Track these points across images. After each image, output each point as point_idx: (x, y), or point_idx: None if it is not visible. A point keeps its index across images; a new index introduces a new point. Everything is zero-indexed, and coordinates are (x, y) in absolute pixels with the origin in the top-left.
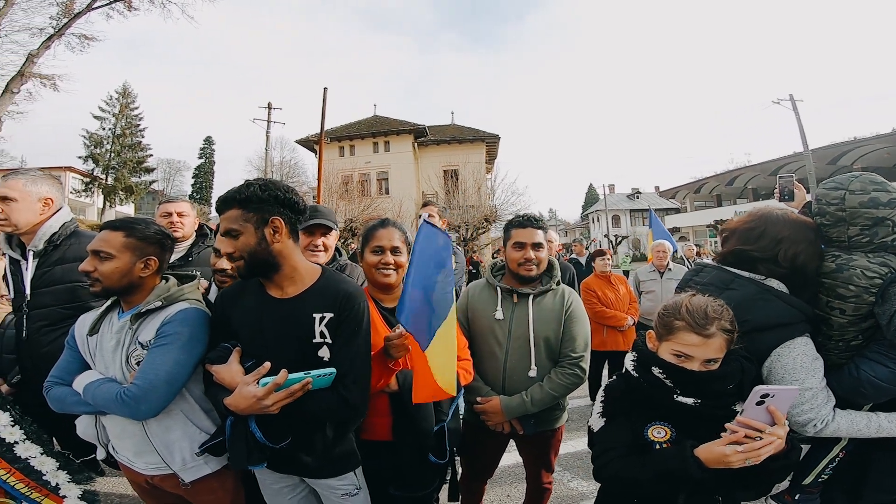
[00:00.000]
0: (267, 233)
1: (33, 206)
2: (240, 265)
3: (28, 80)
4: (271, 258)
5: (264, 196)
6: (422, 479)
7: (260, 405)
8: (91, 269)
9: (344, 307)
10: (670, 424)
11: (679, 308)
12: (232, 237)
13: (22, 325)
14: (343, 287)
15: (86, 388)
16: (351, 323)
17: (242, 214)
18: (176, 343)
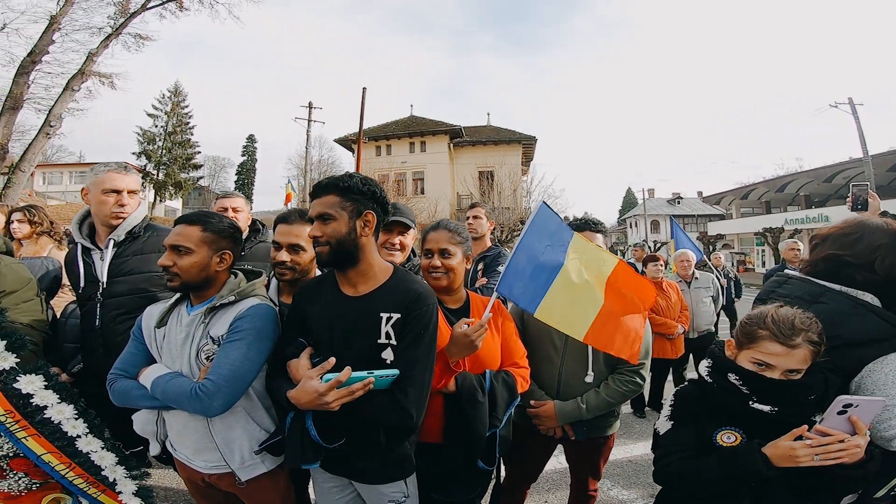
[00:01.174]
0: (358, 224)
1: (137, 199)
2: (323, 251)
3: (88, 78)
4: (355, 250)
5: (364, 189)
6: (467, 484)
7: (321, 401)
8: (170, 264)
9: (412, 308)
10: (741, 430)
11: (764, 318)
12: (323, 221)
13: (95, 313)
14: (413, 287)
15: (155, 382)
16: (417, 325)
17: (340, 202)
18: (248, 339)
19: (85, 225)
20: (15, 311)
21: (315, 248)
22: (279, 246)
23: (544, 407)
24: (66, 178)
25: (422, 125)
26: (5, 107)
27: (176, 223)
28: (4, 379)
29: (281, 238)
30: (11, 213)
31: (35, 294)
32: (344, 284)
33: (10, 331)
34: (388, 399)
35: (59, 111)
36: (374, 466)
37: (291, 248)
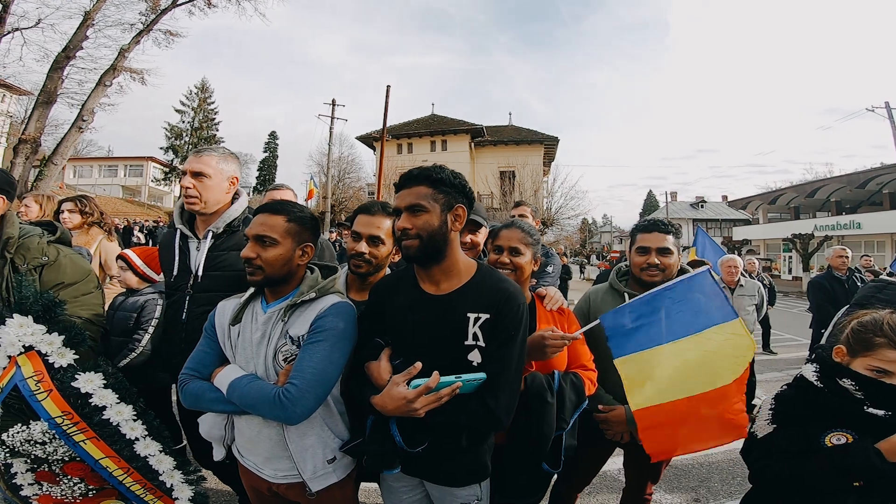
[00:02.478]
0: (449, 218)
1: (223, 185)
2: (412, 245)
3: (119, 73)
4: (444, 245)
5: (455, 182)
6: (529, 487)
7: (409, 408)
8: (253, 256)
9: (502, 308)
10: (853, 432)
11: (880, 325)
12: (414, 213)
13: (183, 305)
14: (503, 286)
15: (232, 385)
16: (508, 326)
17: (433, 193)
18: (331, 340)
19: (186, 212)
20: (74, 304)
21: (402, 241)
22: (359, 236)
23: (614, 412)
24: (96, 172)
25: (443, 124)
26: (39, 101)
27: (257, 212)
28: (62, 377)
29: (361, 228)
30: (62, 203)
31: (94, 286)
32: (425, 282)
33: (68, 325)
34: (479, 405)
35: (91, 106)
36: (451, 469)
37: (371, 239)
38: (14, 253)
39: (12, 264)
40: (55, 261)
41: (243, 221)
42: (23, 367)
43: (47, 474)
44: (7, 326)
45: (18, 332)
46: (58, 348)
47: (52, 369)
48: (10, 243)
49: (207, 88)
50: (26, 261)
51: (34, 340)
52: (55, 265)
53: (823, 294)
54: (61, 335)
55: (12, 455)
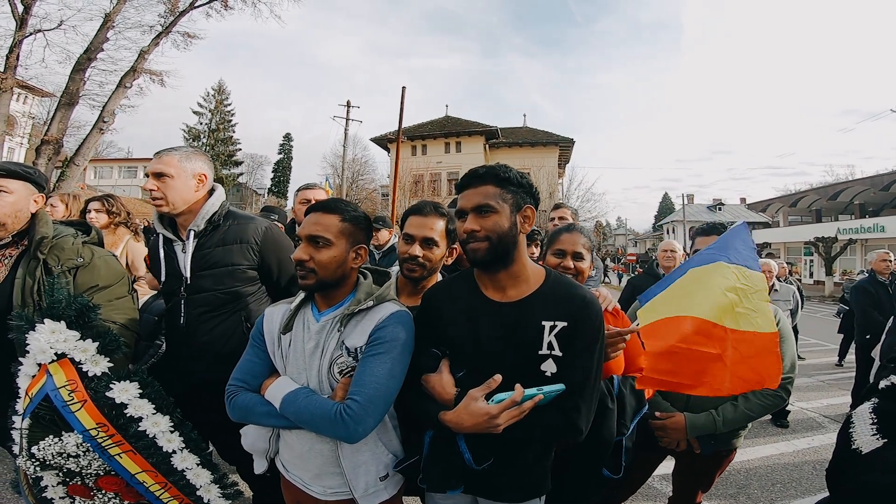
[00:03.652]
0: (519, 220)
1: (189, 184)
2: (480, 248)
3: (139, 75)
4: (513, 248)
5: (522, 181)
6: (586, 494)
7: (491, 424)
8: (306, 258)
9: (580, 316)
10: None
11: None
12: (482, 214)
13: (179, 310)
14: (578, 292)
15: (286, 400)
16: (588, 334)
17: (501, 193)
18: (392, 352)
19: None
20: (108, 308)
21: (469, 244)
22: (411, 239)
23: (673, 419)
24: (116, 173)
25: (457, 125)
26: (61, 103)
27: (308, 211)
28: (95, 386)
29: (414, 230)
30: (88, 202)
31: (128, 290)
32: (488, 288)
33: (102, 331)
34: (559, 417)
35: (112, 107)
36: (516, 485)
37: (425, 241)
38: (47, 254)
39: (45, 265)
40: (90, 262)
41: (224, 216)
42: (55, 376)
43: (80, 488)
44: (38, 332)
45: (50, 338)
46: (92, 356)
47: (85, 378)
48: (43, 243)
49: (224, 90)
50: (60, 262)
51: (67, 347)
52: (90, 267)
53: (868, 299)
54: (95, 341)
55: (42, 468)
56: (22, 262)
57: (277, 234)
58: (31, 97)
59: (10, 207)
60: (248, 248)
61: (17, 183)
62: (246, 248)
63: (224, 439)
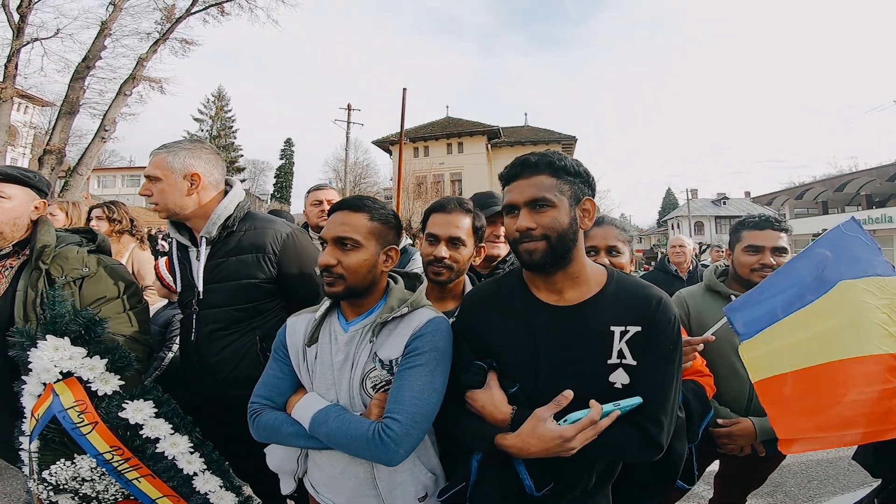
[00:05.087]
0: (578, 214)
1: (178, 186)
2: (537, 248)
3: (139, 83)
4: (573, 247)
5: (580, 170)
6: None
7: (564, 448)
8: (334, 262)
9: (656, 319)
10: None
11: None
12: (537, 208)
13: (191, 325)
14: (650, 292)
15: (316, 420)
16: (667, 339)
17: (557, 184)
18: (431, 364)
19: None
20: (117, 321)
21: (522, 244)
22: (436, 239)
23: (740, 426)
24: (119, 182)
25: (458, 126)
26: (62, 112)
27: (333, 210)
28: (107, 406)
29: (439, 230)
30: (91, 209)
31: (139, 301)
32: (542, 291)
33: (111, 346)
34: (637, 433)
35: (113, 115)
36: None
37: (451, 241)
38: (50, 264)
39: (48, 276)
40: (96, 272)
41: (241, 220)
42: (61, 396)
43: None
44: (40, 349)
45: (54, 355)
46: (101, 374)
47: (95, 398)
48: (45, 252)
49: (224, 97)
50: (64, 272)
51: (73, 365)
52: (96, 277)
53: None
54: (104, 358)
55: (56, 492)
56: (23, 274)
57: (301, 241)
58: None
59: (8, 214)
60: (265, 259)
61: (15, 188)
62: (262, 259)
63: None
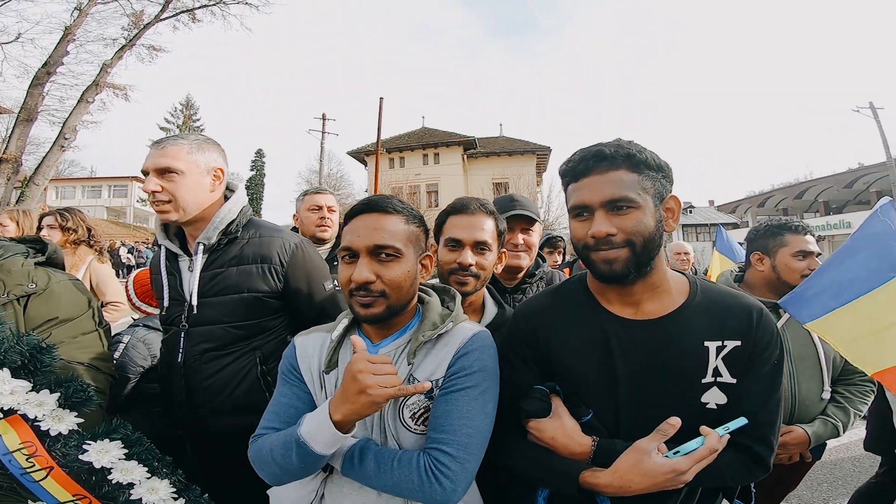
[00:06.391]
0: (664, 215)
1: (203, 181)
2: (619, 257)
3: (102, 90)
4: (657, 252)
5: (661, 163)
6: None
7: (678, 481)
8: (373, 278)
9: (758, 332)
10: None
11: None
12: (618, 211)
13: (178, 344)
14: (748, 302)
15: (352, 455)
16: (771, 354)
17: (639, 180)
18: (482, 386)
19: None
20: (72, 346)
21: (598, 251)
22: (458, 244)
23: (792, 434)
24: (79, 193)
25: (435, 136)
26: (19, 119)
27: (355, 214)
28: (63, 448)
29: (462, 234)
30: (42, 217)
31: (97, 323)
32: (614, 303)
33: (64, 378)
34: (742, 455)
35: (73, 123)
36: None
37: (477, 246)
38: None
39: None
40: (45, 289)
41: (244, 226)
42: (3, 437)
43: None
44: None
45: None
46: (52, 410)
47: (47, 438)
48: None
49: (192, 105)
50: (6, 289)
51: (14, 401)
52: (46, 294)
53: None
54: (55, 392)
55: None
56: None
57: (310, 253)
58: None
59: None
60: (272, 270)
61: None
62: (268, 270)
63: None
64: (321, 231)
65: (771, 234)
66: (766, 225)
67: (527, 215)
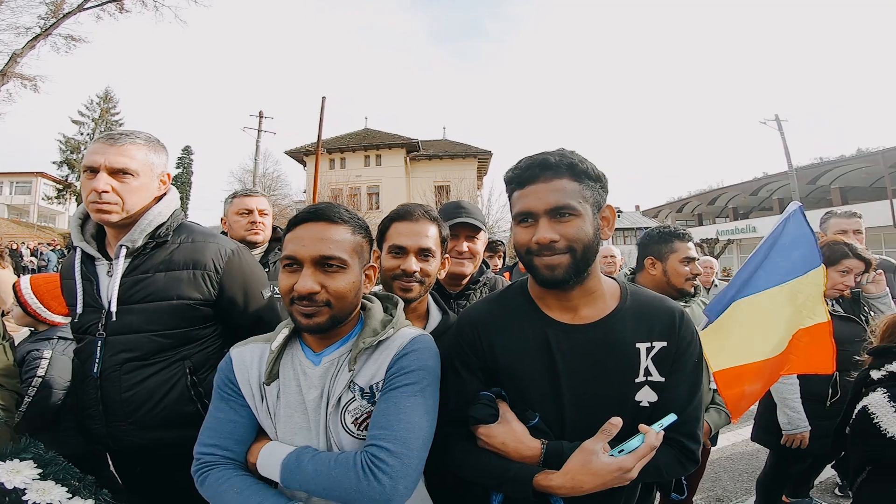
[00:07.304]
0: (601, 224)
1: (152, 186)
2: (561, 263)
3: (9, 80)
4: (593, 259)
5: (599, 174)
6: None
7: (625, 479)
8: (318, 289)
9: (681, 333)
10: None
11: None
12: (560, 217)
13: (94, 354)
14: (671, 305)
15: (289, 461)
16: (693, 352)
17: (580, 190)
18: (422, 384)
19: (91, 223)
20: None
21: (539, 257)
22: (402, 251)
23: None
24: None
25: (377, 138)
26: None
27: (300, 222)
28: None
29: (406, 241)
30: None
31: (1, 336)
32: (553, 309)
33: None
34: (674, 450)
35: None
36: None
37: (421, 252)
38: None
39: None
40: None
41: (175, 230)
42: None
43: None
44: None
45: None
46: None
47: None
48: None
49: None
50: None
51: None
52: None
53: None
54: None
55: None
56: None
57: (247, 260)
58: None
59: None
60: (205, 277)
61: None
62: (202, 277)
63: None
64: (252, 235)
65: (662, 241)
66: (657, 232)
67: (472, 223)
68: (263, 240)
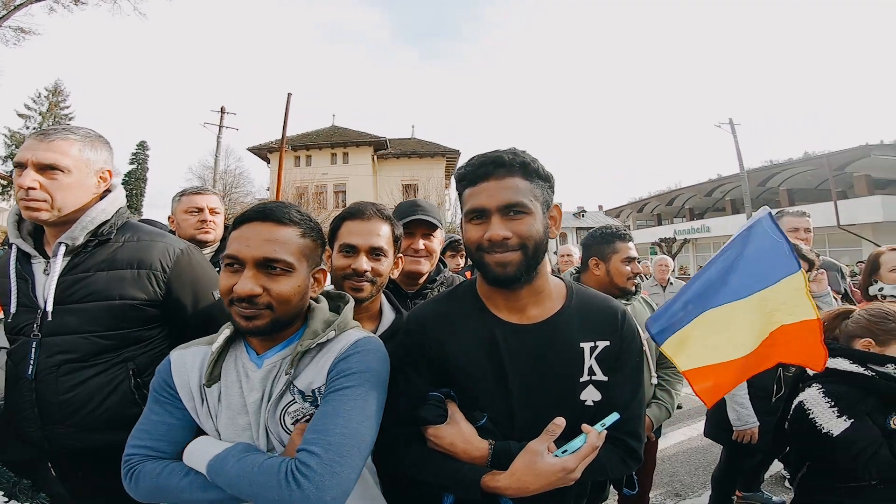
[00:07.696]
0: (550, 222)
1: (88, 183)
2: (513, 260)
3: None
4: (542, 258)
5: (548, 174)
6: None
7: (569, 479)
8: (259, 292)
9: (624, 332)
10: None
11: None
12: (512, 215)
13: (28, 356)
14: (613, 305)
15: (215, 462)
16: (635, 352)
17: (531, 188)
18: (364, 387)
19: (28, 220)
20: None
21: (491, 254)
22: (353, 250)
23: None
24: None
25: (344, 135)
26: None
27: (246, 220)
28: None
29: (357, 239)
30: None
31: None
32: (501, 309)
33: None
34: (618, 449)
35: None
36: None
37: (373, 252)
38: None
39: None
40: None
41: (119, 228)
42: None
43: None
44: None
45: None
46: None
47: None
48: None
49: (61, 91)
50: None
51: None
52: None
53: None
54: None
55: None
56: None
57: (197, 260)
58: None
59: None
60: (151, 277)
61: None
62: (147, 276)
63: None
64: (202, 234)
65: (605, 241)
66: (599, 233)
67: (428, 220)
68: (214, 239)
